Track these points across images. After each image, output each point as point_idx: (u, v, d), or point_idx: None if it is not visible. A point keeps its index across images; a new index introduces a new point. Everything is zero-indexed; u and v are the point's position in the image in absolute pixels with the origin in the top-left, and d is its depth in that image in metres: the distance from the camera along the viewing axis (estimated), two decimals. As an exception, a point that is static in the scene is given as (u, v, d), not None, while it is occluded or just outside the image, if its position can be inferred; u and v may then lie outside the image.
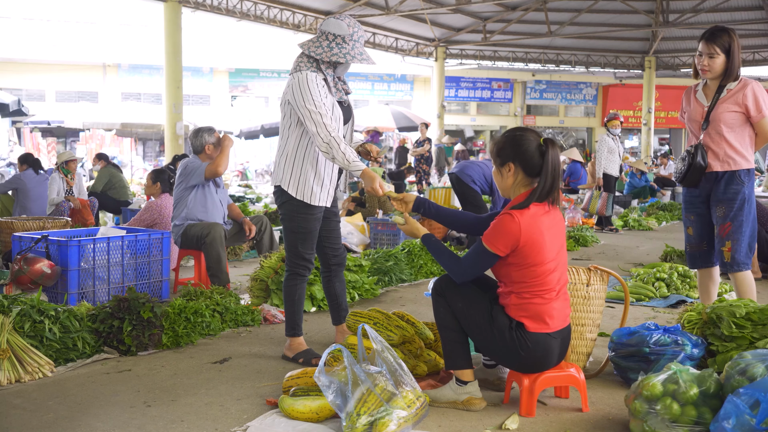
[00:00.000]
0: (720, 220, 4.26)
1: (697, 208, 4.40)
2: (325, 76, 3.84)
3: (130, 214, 8.76)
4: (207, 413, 3.22)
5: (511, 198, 3.21)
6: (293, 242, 3.97)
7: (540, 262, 3.07)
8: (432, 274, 6.65)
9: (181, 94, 14.65)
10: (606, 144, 10.48)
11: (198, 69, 27.57)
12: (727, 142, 4.23)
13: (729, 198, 4.23)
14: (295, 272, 4.01)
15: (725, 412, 2.53)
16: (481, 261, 3.13)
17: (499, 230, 3.07)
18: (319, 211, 3.97)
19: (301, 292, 4.05)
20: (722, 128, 4.22)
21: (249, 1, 16.59)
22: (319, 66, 3.85)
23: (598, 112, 33.65)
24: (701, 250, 4.45)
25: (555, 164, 3.11)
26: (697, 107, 4.36)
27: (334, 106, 3.87)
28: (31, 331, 3.87)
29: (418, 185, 17.33)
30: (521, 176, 3.17)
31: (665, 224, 12.05)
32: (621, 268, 7.17)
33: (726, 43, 4.17)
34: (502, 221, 3.07)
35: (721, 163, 4.25)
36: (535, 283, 3.09)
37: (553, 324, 3.11)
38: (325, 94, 3.79)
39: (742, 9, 19.11)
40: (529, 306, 3.09)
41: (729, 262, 4.26)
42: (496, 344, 3.13)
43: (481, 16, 20.47)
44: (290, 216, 3.95)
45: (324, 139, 3.69)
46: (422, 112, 25.93)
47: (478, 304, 3.16)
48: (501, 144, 3.22)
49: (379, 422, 2.79)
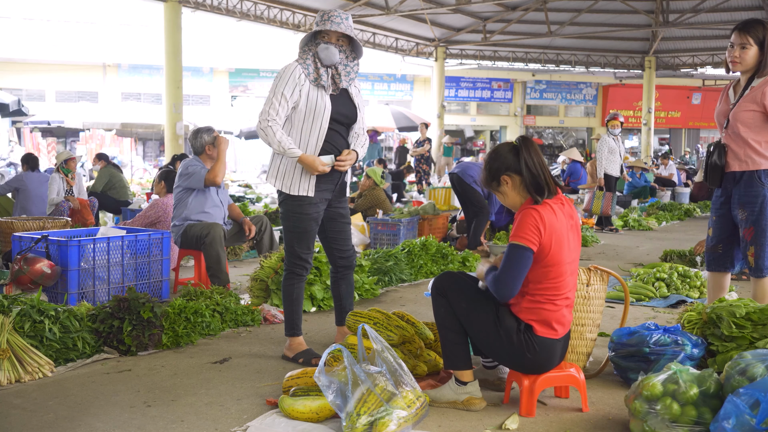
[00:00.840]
0: (743, 224, 4.11)
1: (719, 209, 4.26)
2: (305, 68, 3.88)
3: (130, 214, 8.76)
4: (207, 413, 3.22)
5: (518, 207, 3.20)
6: (290, 241, 4.01)
7: (558, 262, 3.06)
8: (432, 274, 6.65)
9: (181, 94, 14.65)
10: (606, 144, 10.47)
11: (198, 69, 27.58)
12: (746, 141, 4.06)
13: (749, 201, 4.07)
14: (292, 271, 4.03)
15: (725, 412, 2.53)
16: (517, 264, 3.04)
17: (524, 223, 3.05)
18: (314, 210, 3.97)
19: (299, 291, 4.06)
20: (739, 128, 4.07)
21: (249, 1, 16.58)
22: (307, 57, 3.91)
23: (598, 112, 33.65)
24: (716, 253, 4.31)
25: (530, 156, 3.14)
26: (724, 104, 4.21)
27: (319, 97, 3.89)
28: (31, 331, 3.87)
29: (418, 185, 17.33)
30: (518, 181, 3.17)
31: (665, 224, 12.05)
32: (621, 268, 7.17)
33: (760, 35, 3.98)
34: (524, 215, 3.08)
35: (740, 162, 4.10)
36: (549, 286, 3.08)
37: (560, 331, 3.13)
38: (295, 85, 3.84)
39: (742, 9, 19.09)
40: (541, 311, 3.09)
41: (753, 268, 4.12)
42: (502, 346, 3.12)
43: (481, 16, 20.47)
44: (286, 215, 4.00)
45: (261, 123, 3.86)
46: (422, 112, 25.94)
47: (484, 304, 3.15)
48: (485, 172, 3.27)
49: (379, 422, 2.79)
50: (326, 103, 3.90)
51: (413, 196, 15.31)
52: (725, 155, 4.14)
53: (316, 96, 3.88)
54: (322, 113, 3.89)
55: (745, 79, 4.11)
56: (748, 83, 4.09)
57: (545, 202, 3.10)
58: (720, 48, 22.65)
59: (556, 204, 3.13)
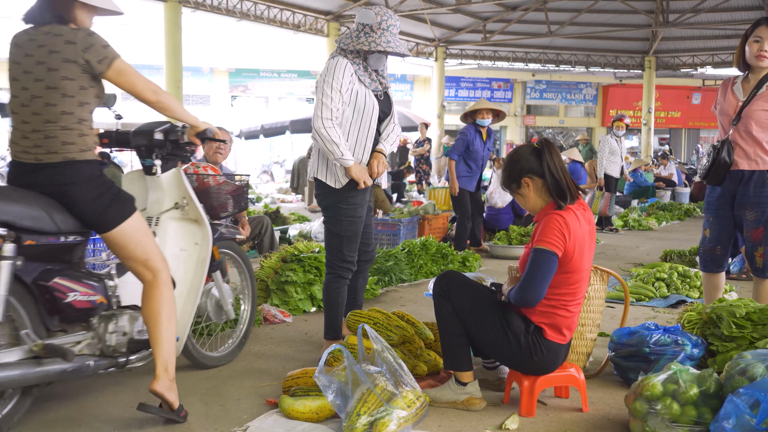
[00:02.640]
0: (752, 224, 4.03)
1: (718, 209, 4.18)
2: (356, 67, 3.79)
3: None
4: (207, 413, 3.22)
5: (538, 211, 3.19)
6: (338, 245, 3.90)
7: (578, 269, 3.06)
8: (432, 274, 6.65)
9: (181, 94, 14.68)
10: (608, 145, 10.49)
11: (198, 69, 27.56)
12: (757, 141, 4.00)
13: (760, 201, 3.99)
14: (338, 275, 3.94)
15: (725, 412, 2.52)
16: (544, 269, 3.00)
17: (550, 227, 3.03)
18: (363, 212, 3.91)
19: (344, 295, 3.99)
20: (752, 126, 4.00)
21: (249, 1, 16.59)
22: (353, 57, 3.80)
23: (598, 112, 33.65)
24: (714, 254, 4.25)
25: (552, 160, 3.13)
26: (731, 100, 4.11)
27: (367, 96, 3.81)
28: (31, 331, 3.84)
29: (418, 185, 17.34)
30: (539, 184, 3.15)
31: (665, 224, 12.06)
32: (621, 268, 7.17)
33: None
34: (549, 219, 3.05)
35: (749, 161, 4.02)
36: (566, 291, 3.07)
37: (568, 336, 3.15)
38: (349, 82, 3.73)
39: (742, 9, 19.11)
40: (555, 316, 3.08)
41: (760, 268, 4.07)
42: (508, 347, 3.10)
43: (481, 16, 20.47)
44: (337, 219, 3.88)
45: (316, 127, 3.69)
46: (422, 112, 25.91)
47: (488, 305, 3.15)
48: (506, 172, 3.23)
49: (379, 422, 2.79)
50: (374, 103, 3.85)
51: (413, 196, 15.33)
52: (733, 152, 4.06)
53: (364, 96, 3.81)
54: (371, 114, 3.83)
55: (756, 79, 4.03)
56: (762, 82, 4.00)
57: (568, 208, 3.08)
58: (720, 48, 22.67)
59: (579, 210, 3.12)
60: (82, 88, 2.95)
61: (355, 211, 3.86)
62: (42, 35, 2.96)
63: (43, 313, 2.96)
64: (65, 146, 2.92)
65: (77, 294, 3.01)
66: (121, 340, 3.17)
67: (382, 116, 3.95)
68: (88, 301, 3.07)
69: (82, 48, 2.92)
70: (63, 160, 2.92)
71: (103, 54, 2.96)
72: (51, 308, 2.97)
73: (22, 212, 2.81)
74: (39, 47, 2.94)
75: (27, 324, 2.88)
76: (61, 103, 2.92)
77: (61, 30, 2.95)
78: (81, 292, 3.03)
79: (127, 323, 3.21)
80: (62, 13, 2.98)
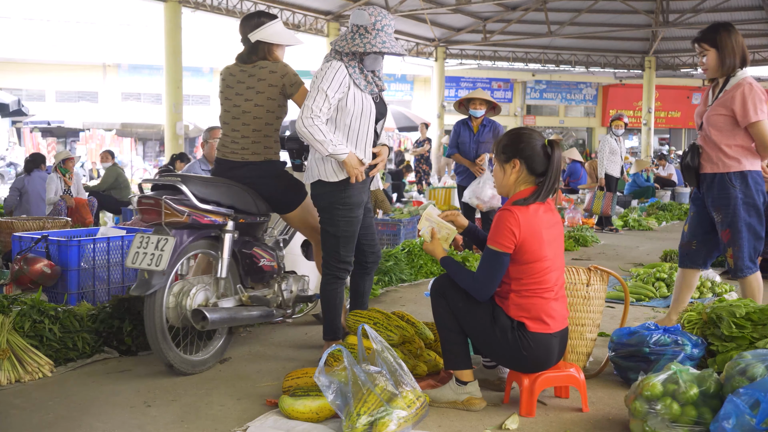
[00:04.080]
0: (720, 226, 4.18)
1: (697, 206, 4.36)
2: (351, 70, 3.76)
3: (130, 214, 8.76)
4: (207, 413, 3.22)
5: (510, 195, 3.22)
6: (335, 247, 3.88)
7: (538, 259, 3.08)
8: (432, 274, 6.65)
9: (181, 94, 14.65)
10: (608, 144, 10.48)
11: (198, 69, 27.58)
12: (716, 144, 4.13)
13: (722, 204, 4.14)
14: (336, 276, 3.93)
15: (725, 412, 2.52)
16: (494, 266, 3.09)
17: (500, 227, 3.08)
18: (361, 212, 3.90)
19: (341, 296, 3.99)
20: (711, 131, 4.14)
21: (249, 1, 16.59)
22: (348, 60, 3.77)
23: (598, 112, 33.66)
24: (689, 249, 4.39)
25: (558, 165, 3.17)
26: (701, 106, 4.31)
27: (363, 99, 3.80)
28: (31, 331, 3.87)
29: (417, 185, 17.33)
30: (524, 174, 3.18)
31: (665, 224, 12.05)
32: (621, 268, 7.17)
33: (712, 38, 4.10)
34: (501, 217, 3.09)
35: (711, 165, 4.17)
36: (533, 281, 3.09)
37: (553, 324, 3.12)
38: (340, 86, 3.69)
39: (742, 9, 19.12)
40: (530, 306, 3.10)
41: (732, 269, 4.19)
42: (499, 345, 3.13)
43: (481, 16, 20.47)
44: (334, 220, 3.85)
45: (304, 120, 3.61)
46: (422, 112, 25.94)
47: (481, 304, 3.15)
48: (508, 140, 3.24)
49: (379, 422, 2.79)
50: (371, 105, 3.85)
51: (413, 196, 15.31)
52: (699, 156, 4.21)
53: (361, 98, 3.79)
54: (368, 117, 3.83)
55: (721, 82, 4.18)
56: (723, 86, 4.16)
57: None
58: (720, 48, 22.62)
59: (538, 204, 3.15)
60: (280, 106, 4.01)
61: (351, 212, 3.86)
62: (250, 68, 4.02)
63: (242, 274, 4.04)
64: (266, 149, 4.02)
65: (265, 260, 4.09)
66: (290, 296, 4.29)
67: (379, 117, 3.97)
68: (270, 265, 4.12)
69: (281, 75, 3.96)
70: (264, 159, 4.01)
71: (294, 80, 3.97)
72: (248, 270, 4.06)
73: (239, 199, 3.91)
74: (249, 76, 4.01)
75: (237, 280, 4.03)
76: (265, 117, 3.98)
77: (265, 64, 4.00)
78: (267, 258, 4.10)
79: (293, 283, 4.34)
80: (265, 53, 4.03)
